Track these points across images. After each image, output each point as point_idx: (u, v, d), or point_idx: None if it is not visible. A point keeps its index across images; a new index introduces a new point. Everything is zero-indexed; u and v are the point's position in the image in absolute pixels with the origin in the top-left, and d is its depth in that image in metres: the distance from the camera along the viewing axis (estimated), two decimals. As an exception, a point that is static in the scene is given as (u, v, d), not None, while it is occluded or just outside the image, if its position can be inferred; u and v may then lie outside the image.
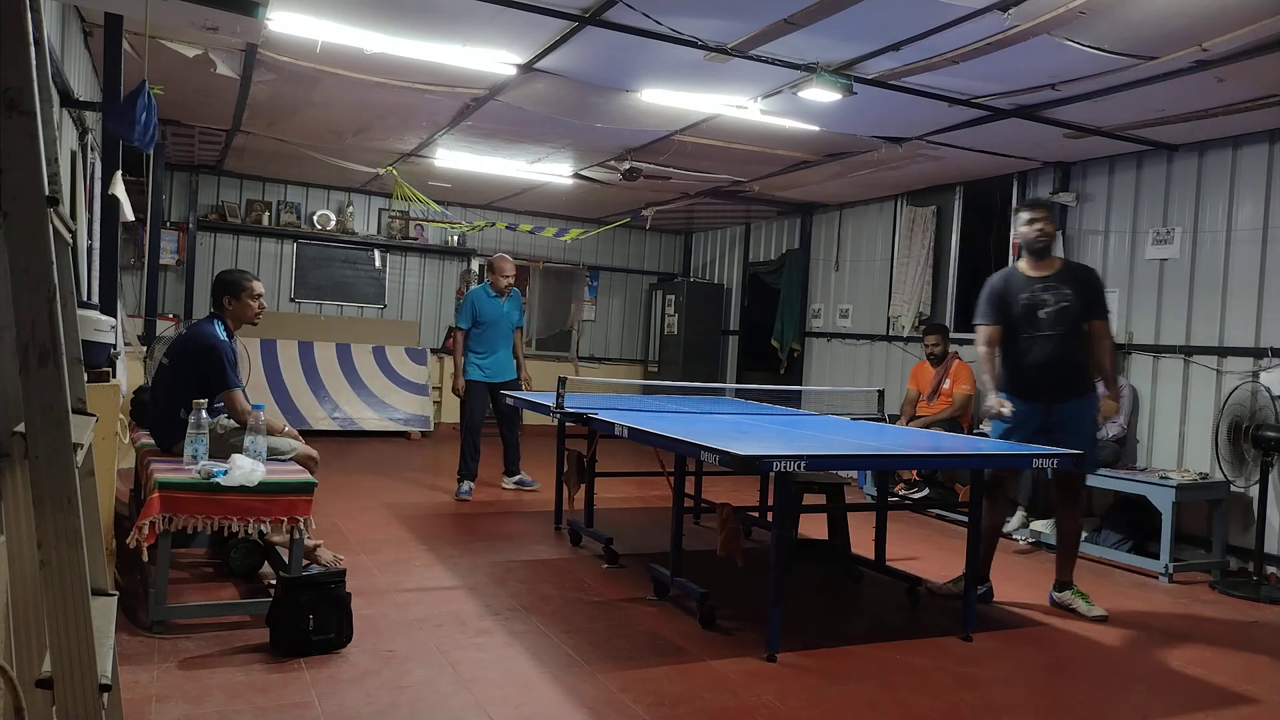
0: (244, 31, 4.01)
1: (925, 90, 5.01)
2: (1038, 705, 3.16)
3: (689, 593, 3.92)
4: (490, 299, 6.51)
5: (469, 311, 6.51)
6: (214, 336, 3.99)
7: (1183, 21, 3.83)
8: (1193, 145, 5.78)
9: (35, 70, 1.33)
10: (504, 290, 6.52)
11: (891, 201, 8.34)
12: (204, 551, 4.43)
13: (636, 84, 5.28)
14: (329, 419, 9.10)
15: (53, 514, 1.31)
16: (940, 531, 6.10)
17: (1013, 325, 4.29)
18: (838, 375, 8.81)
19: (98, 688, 1.35)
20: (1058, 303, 4.21)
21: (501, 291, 6.52)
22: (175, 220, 9.18)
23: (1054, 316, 4.20)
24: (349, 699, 2.85)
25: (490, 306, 6.49)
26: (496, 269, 6.53)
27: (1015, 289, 4.32)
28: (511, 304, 6.59)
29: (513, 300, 6.61)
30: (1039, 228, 4.27)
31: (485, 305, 6.49)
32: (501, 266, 6.53)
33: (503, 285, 6.50)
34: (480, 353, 6.47)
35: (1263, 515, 4.99)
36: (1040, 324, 4.22)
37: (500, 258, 6.61)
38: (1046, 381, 4.23)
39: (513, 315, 6.58)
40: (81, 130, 5.22)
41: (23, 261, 1.30)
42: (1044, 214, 4.32)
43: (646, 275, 11.74)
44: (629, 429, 3.94)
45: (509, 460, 6.70)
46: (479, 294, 6.55)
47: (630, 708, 2.89)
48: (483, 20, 4.36)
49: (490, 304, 6.50)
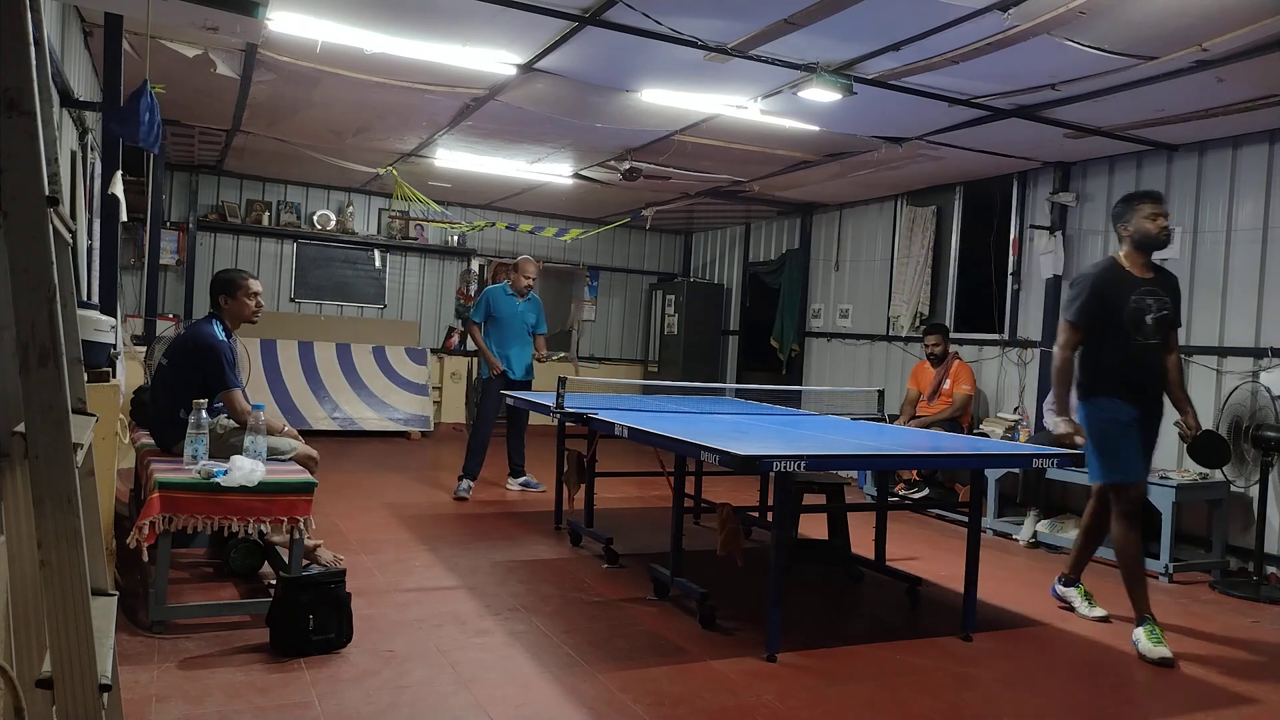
0: (244, 31, 4.00)
1: (925, 90, 5.01)
2: (1038, 705, 3.16)
3: (689, 593, 3.92)
4: (508, 297, 6.52)
5: (483, 306, 6.53)
6: (212, 336, 3.99)
7: (1183, 21, 3.83)
8: (1193, 145, 5.78)
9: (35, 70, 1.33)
10: (523, 291, 6.52)
11: (891, 201, 8.34)
12: (204, 551, 4.43)
13: (636, 84, 5.28)
14: (329, 419, 9.10)
15: (53, 514, 1.31)
16: (940, 531, 6.10)
17: (1116, 327, 3.88)
18: (838, 375, 8.81)
19: (98, 688, 1.35)
20: (1159, 310, 3.90)
21: (520, 292, 6.52)
22: (175, 220, 9.19)
23: (1156, 324, 3.89)
24: (349, 699, 2.85)
25: (506, 305, 6.50)
26: (520, 269, 6.54)
27: (1123, 288, 3.90)
28: (529, 307, 6.57)
29: (530, 304, 6.59)
30: (1163, 224, 3.92)
31: (501, 303, 6.50)
32: (524, 268, 6.54)
33: (523, 286, 6.50)
34: (494, 347, 6.49)
35: (1263, 515, 4.99)
36: (1147, 330, 3.87)
37: (525, 259, 6.63)
38: (1154, 391, 3.96)
39: (528, 317, 6.56)
40: (81, 130, 5.22)
41: (23, 261, 1.30)
42: (1165, 208, 3.96)
43: (646, 275, 11.74)
44: (629, 429, 3.94)
45: (514, 462, 6.70)
46: (497, 291, 6.57)
47: (630, 708, 2.89)
48: (483, 20, 4.36)
49: (506, 302, 6.50)
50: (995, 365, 7.16)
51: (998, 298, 7.17)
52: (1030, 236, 6.89)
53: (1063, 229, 6.56)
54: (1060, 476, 5.69)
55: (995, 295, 7.19)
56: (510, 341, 6.49)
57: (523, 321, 6.54)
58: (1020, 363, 6.92)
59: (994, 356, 7.18)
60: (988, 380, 7.21)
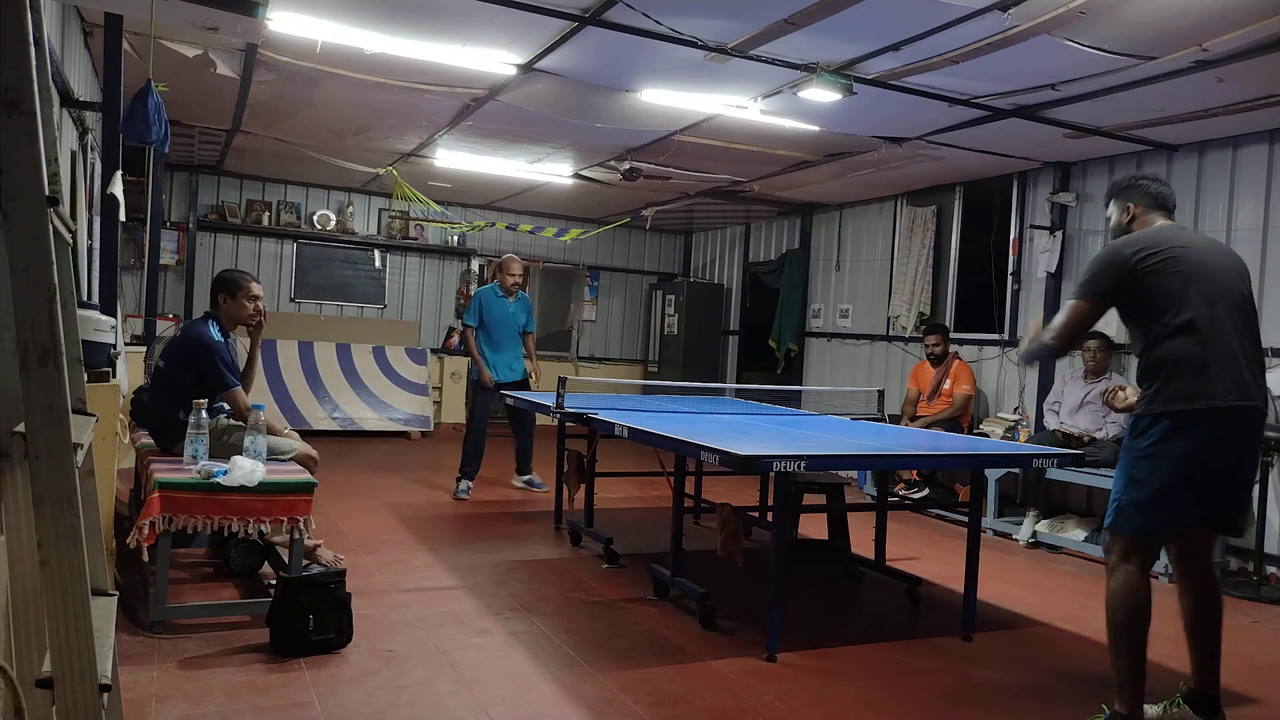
0: (244, 31, 4.01)
1: (925, 90, 5.01)
2: (1038, 705, 3.16)
3: (689, 593, 3.91)
4: (498, 299, 6.52)
5: (476, 309, 6.53)
6: (207, 337, 3.98)
7: (1183, 21, 3.83)
8: (1193, 145, 5.78)
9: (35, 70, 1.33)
10: (511, 290, 6.52)
11: (891, 201, 8.34)
12: (204, 551, 4.43)
13: (636, 84, 5.28)
14: (329, 419, 9.10)
15: (53, 514, 1.31)
16: (940, 531, 6.10)
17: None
18: (838, 375, 8.81)
19: (98, 688, 1.35)
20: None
21: (509, 291, 6.52)
22: (175, 220, 9.19)
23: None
24: (349, 699, 2.85)
25: (497, 306, 6.50)
26: (504, 268, 6.54)
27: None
28: (519, 306, 6.57)
29: (521, 304, 6.60)
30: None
31: (492, 305, 6.50)
32: (509, 266, 6.54)
33: (509, 284, 6.50)
34: (487, 352, 6.50)
35: (1263, 515, 4.99)
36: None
37: (509, 258, 6.62)
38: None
39: (519, 317, 6.57)
40: (81, 130, 5.22)
41: (23, 261, 1.30)
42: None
43: (646, 275, 11.74)
44: (629, 429, 3.94)
45: (521, 460, 6.71)
46: (487, 293, 6.57)
47: (630, 708, 2.89)
48: (483, 20, 4.36)
49: (497, 304, 6.51)
50: (995, 365, 7.16)
51: (998, 298, 7.17)
52: (1030, 236, 6.89)
53: (1063, 229, 6.56)
54: (1060, 477, 5.69)
55: (995, 295, 7.19)
56: (504, 344, 6.51)
57: (514, 323, 6.55)
58: (1020, 363, 6.92)
59: (994, 356, 7.18)
60: (988, 380, 7.21)
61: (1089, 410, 5.79)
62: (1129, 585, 2.79)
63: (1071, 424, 5.83)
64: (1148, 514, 2.77)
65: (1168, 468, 2.74)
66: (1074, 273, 6.52)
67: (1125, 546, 2.82)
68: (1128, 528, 2.81)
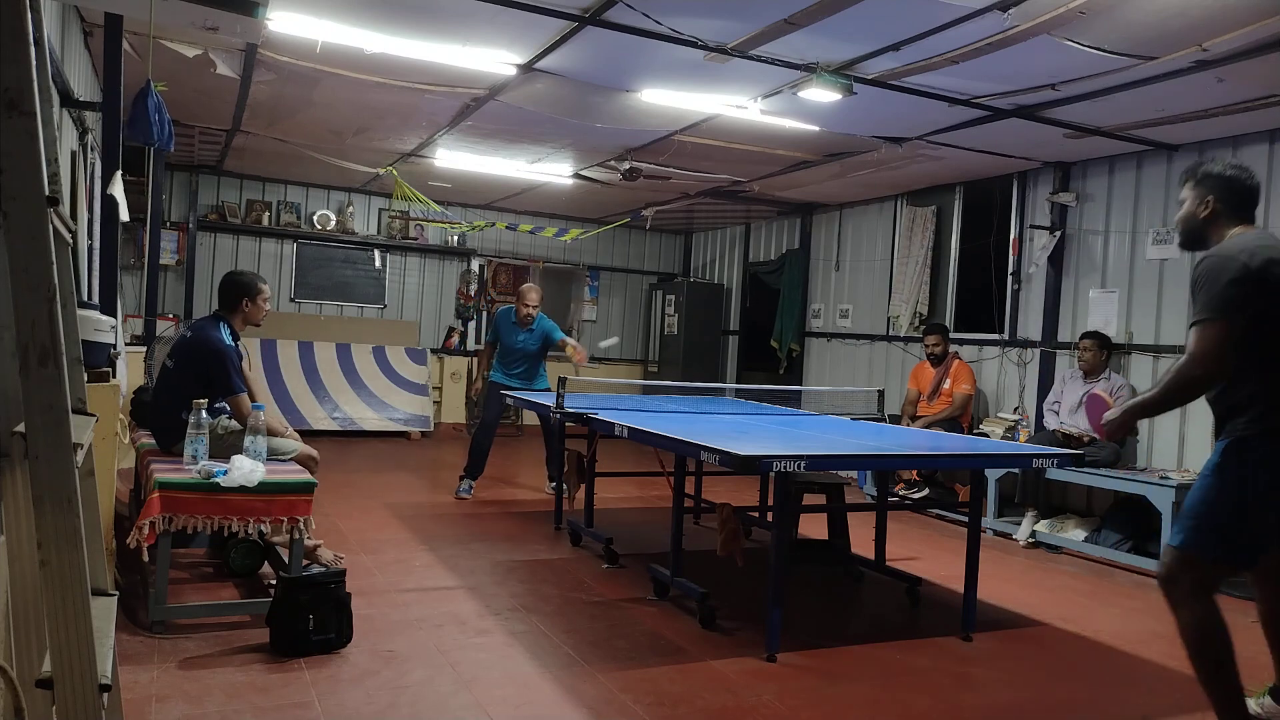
0: (244, 31, 4.01)
1: (925, 90, 5.01)
2: (1038, 705, 3.16)
3: (689, 593, 3.91)
4: (511, 325, 6.52)
5: (493, 329, 6.65)
6: (220, 341, 3.99)
7: (1183, 21, 3.83)
8: (1193, 145, 5.78)
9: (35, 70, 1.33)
10: (524, 320, 6.47)
11: (891, 201, 8.34)
12: (204, 551, 4.43)
13: (636, 84, 5.28)
14: (329, 419, 9.10)
15: (53, 514, 1.31)
16: (940, 531, 6.10)
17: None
18: (838, 375, 8.81)
19: (98, 688, 1.35)
20: None
21: (522, 321, 6.48)
22: (175, 220, 9.18)
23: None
24: (349, 699, 2.85)
25: (509, 333, 6.51)
26: (521, 298, 6.50)
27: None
28: (531, 337, 6.48)
29: (536, 334, 6.48)
30: None
31: (506, 330, 6.53)
32: (525, 296, 6.48)
33: (523, 315, 6.46)
34: (502, 364, 6.55)
35: (1263, 515, 4.98)
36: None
37: (526, 288, 6.57)
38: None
39: (530, 346, 6.49)
40: (81, 130, 5.22)
41: (23, 261, 1.30)
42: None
43: (646, 275, 11.74)
44: (629, 429, 3.94)
45: (551, 467, 6.64)
46: (504, 318, 6.58)
47: (630, 708, 2.89)
48: (483, 20, 4.36)
49: (510, 330, 6.51)
50: (995, 365, 7.16)
51: (998, 298, 7.17)
52: (1030, 236, 6.89)
53: (1063, 229, 6.56)
54: (1060, 477, 5.69)
55: (995, 295, 7.19)
56: (514, 364, 6.54)
57: (524, 351, 6.51)
58: (1020, 363, 6.92)
59: (994, 356, 7.18)
60: (987, 380, 7.21)
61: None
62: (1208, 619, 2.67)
63: (1071, 424, 5.84)
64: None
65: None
66: (1074, 271, 6.53)
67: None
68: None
